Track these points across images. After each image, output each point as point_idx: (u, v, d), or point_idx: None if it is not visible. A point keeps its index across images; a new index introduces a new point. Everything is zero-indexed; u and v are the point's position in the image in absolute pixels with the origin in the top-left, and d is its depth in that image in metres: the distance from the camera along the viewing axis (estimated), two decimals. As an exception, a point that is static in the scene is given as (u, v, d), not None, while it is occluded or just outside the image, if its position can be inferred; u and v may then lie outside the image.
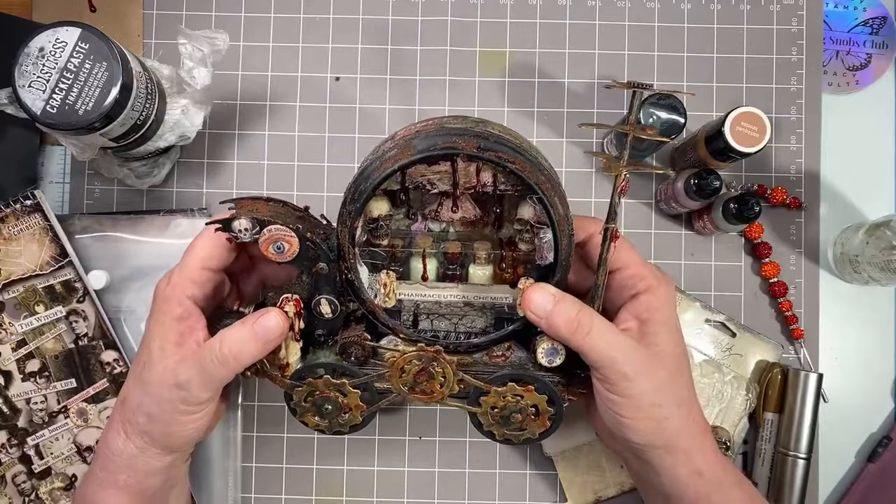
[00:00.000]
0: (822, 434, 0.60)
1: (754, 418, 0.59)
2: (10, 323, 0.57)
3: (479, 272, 0.44)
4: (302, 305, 0.42)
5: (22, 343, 0.57)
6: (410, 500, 0.60)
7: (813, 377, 0.58)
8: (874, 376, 0.61)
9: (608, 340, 0.40)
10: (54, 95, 0.49)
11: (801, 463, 0.57)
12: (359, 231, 0.41)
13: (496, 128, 0.40)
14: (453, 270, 0.43)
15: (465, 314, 0.45)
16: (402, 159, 0.38)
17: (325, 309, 0.42)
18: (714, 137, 0.54)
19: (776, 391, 0.58)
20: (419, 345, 0.43)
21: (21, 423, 0.57)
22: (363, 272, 0.42)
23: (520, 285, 0.42)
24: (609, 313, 0.43)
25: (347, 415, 0.45)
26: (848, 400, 0.61)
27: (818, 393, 0.58)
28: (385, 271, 0.42)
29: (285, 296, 0.43)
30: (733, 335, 0.59)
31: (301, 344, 0.43)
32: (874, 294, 0.62)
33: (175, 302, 0.42)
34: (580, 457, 0.59)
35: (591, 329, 0.40)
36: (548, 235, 0.40)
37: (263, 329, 0.40)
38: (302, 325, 0.43)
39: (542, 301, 0.40)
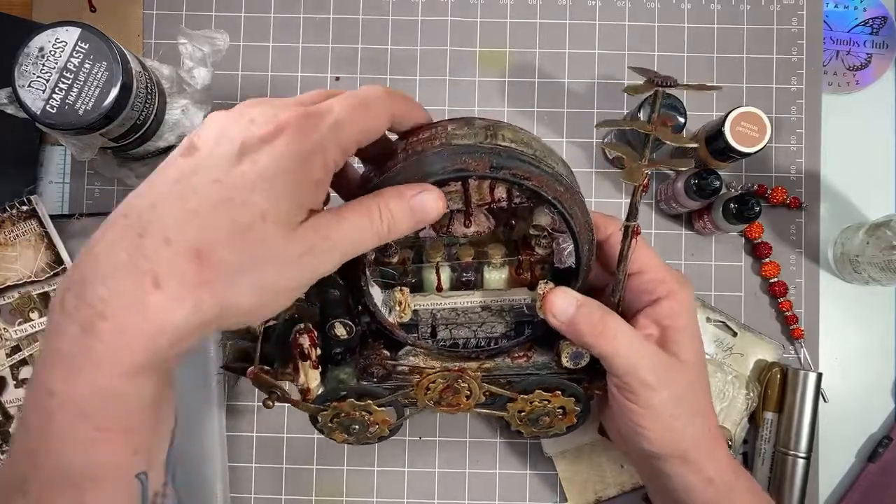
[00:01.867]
0: (822, 434, 0.60)
1: (754, 418, 0.59)
2: (4, 329, 0.57)
3: (496, 276, 0.42)
4: (316, 334, 0.41)
5: (16, 349, 0.57)
6: (410, 500, 0.60)
7: (812, 376, 0.58)
8: (874, 376, 0.61)
9: (633, 346, 0.39)
10: (54, 95, 0.49)
11: (800, 462, 0.57)
12: (370, 254, 0.40)
13: (508, 133, 0.37)
14: (468, 277, 0.42)
15: (485, 321, 0.44)
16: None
17: (340, 332, 0.41)
18: (714, 137, 0.54)
19: (776, 391, 0.58)
20: (443, 365, 0.42)
21: (13, 429, 0.57)
22: (376, 292, 0.41)
23: (539, 289, 0.40)
24: (625, 317, 0.42)
25: (375, 428, 0.45)
26: (848, 400, 0.61)
27: (818, 392, 0.58)
28: (399, 288, 0.41)
29: (297, 327, 0.40)
30: (734, 335, 0.59)
31: (320, 369, 0.42)
32: (874, 294, 0.62)
33: (321, 158, 0.30)
34: (580, 457, 0.59)
35: (616, 334, 0.38)
36: (568, 244, 0.39)
37: (421, 206, 0.34)
38: (318, 351, 0.42)
39: (565, 305, 0.39)
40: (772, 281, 0.61)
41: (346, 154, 0.32)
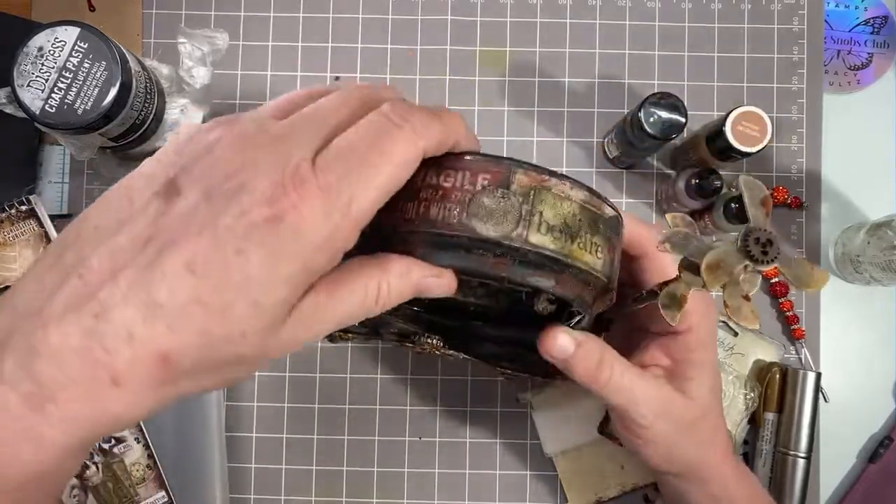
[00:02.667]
0: (822, 434, 0.60)
1: (754, 418, 0.59)
2: (3, 327, 0.57)
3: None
4: None
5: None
6: (410, 500, 0.60)
7: (812, 376, 0.58)
8: (875, 376, 0.61)
9: (629, 387, 0.38)
10: (53, 95, 0.49)
11: (801, 462, 0.57)
12: None
13: (548, 211, 0.30)
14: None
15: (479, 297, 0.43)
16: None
17: None
18: (715, 137, 0.54)
19: (775, 391, 0.58)
20: (419, 346, 0.42)
21: None
22: None
23: (538, 306, 0.37)
24: (638, 331, 0.41)
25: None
26: (849, 400, 0.61)
27: (817, 392, 0.58)
28: None
29: None
30: (735, 334, 0.59)
31: None
32: (876, 294, 0.62)
33: (331, 245, 0.25)
34: (580, 457, 0.59)
35: (610, 377, 0.37)
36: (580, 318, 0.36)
37: (426, 287, 0.29)
38: None
39: (565, 344, 0.36)
40: (772, 281, 0.60)
41: (365, 222, 0.26)
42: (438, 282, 0.29)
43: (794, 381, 0.58)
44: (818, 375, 0.58)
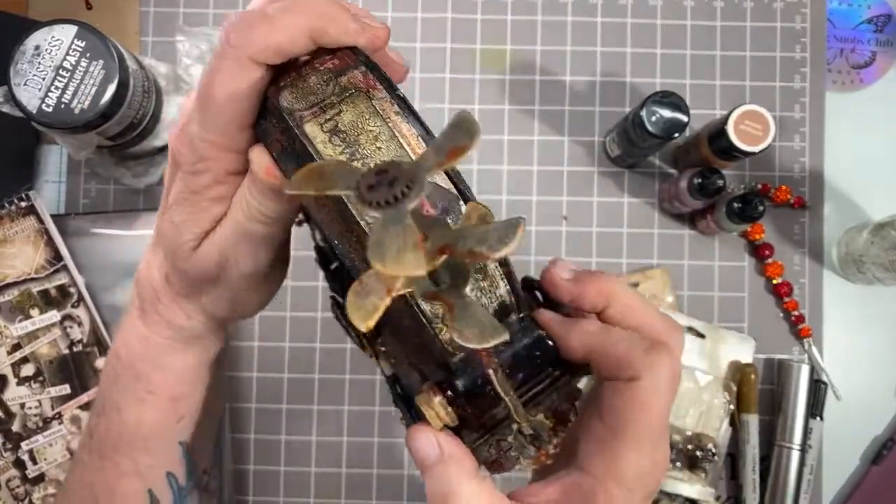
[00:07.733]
0: (826, 436, 0.59)
1: (734, 421, 0.59)
2: (4, 326, 0.57)
3: None
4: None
5: (17, 347, 0.57)
6: (410, 502, 0.60)
7: (805, 368, 0.58)
8: (879, 377, 0.61)
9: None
10: (50, 94, 0.49)
11: (795, 454, 0.57)
12: None
13: (350, 113, 0.28)
14: None
15: None
16: None
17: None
18: (717, 136, 0.54)
19: (752, 392, 0.58)
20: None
21: (15, 427, 0.57)
22: None
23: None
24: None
25: None
26: (852, 402, 0.61)
27: (811, 384, 0.58)
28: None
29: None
30: (702, 336, 0.59)
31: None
32: (879, 294, 0.61)
33: (197, 176, 0.29)
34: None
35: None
36: None
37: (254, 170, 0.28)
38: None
39: (425, 448, 0.26)
40: (776, 282, 0.60)
41: (227, 141, 0.28)
42: (254, 154, 0.29)
43: (788, 374, 0.58)
44: (811, 369, 0.58)
